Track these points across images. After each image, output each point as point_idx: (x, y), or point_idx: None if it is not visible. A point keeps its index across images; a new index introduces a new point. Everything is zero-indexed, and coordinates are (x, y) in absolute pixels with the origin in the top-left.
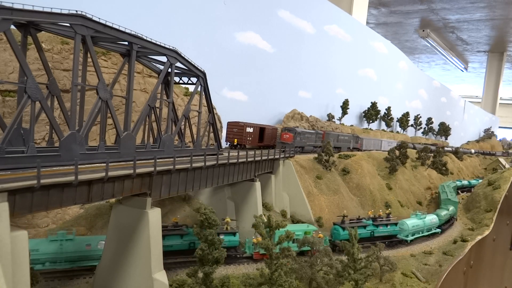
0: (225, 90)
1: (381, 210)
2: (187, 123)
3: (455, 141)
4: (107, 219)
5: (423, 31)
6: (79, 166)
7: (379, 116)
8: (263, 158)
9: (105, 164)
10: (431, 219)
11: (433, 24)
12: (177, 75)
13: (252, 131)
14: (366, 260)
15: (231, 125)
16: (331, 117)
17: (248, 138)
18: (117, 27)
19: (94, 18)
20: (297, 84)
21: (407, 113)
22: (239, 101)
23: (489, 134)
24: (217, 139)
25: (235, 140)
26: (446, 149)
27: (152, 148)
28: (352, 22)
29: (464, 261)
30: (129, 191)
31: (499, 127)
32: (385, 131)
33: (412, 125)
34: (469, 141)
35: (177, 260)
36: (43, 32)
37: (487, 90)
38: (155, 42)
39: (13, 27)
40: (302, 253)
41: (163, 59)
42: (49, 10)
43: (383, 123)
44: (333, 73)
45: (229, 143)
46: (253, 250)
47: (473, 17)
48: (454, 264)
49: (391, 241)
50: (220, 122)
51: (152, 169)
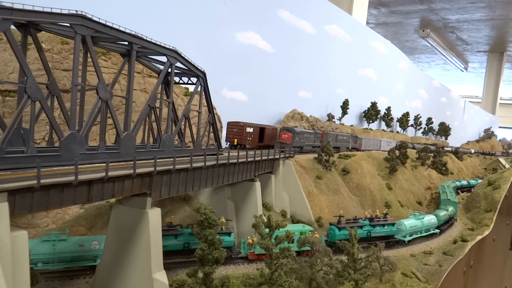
0: (225, 90)
1: (377, 210)
2: (187, 123)
3: (455, 141)
4: (107, 219)
5: (423, 31)
6: (79, 166)
7: (379, 116)
8: (263, 158)
9: (105, 164)
10: (430, 219)
11: (433, 24)
12: (177, 75)
13: (252, 131)
14: (366, 260)
15: (231, 125)
16: (331, 117)
17: (248, 138)
18: (117, 27)
19: (94, 18)
20: (297, 84)
21: (407, 113)
22: (239, 101)
23: (489, 134)
24: (217, 139)
25: (235, 140)
26: (446, 149)
27: (152, 148)
28: (352, 22)
29: (464, 261)
30: (129, 191)
31: (499, 127)
32: (385, 131)
33: (412, 125)
34: (469, 141)
35: (172, 260)
36: (43, 32)
37: (487, 90)
38: (155, 42)
39: (13, 27)
40: (298, 253)
41: (163, 59)
42: (49, 10)
43: (383, 123)
44: (333, 73)
45: (229, 143)
46: (248, 250)
47: (473, 17)
48: (454, 264)
49: (388, 242)
50: (220, 122)
51: (152, 169)
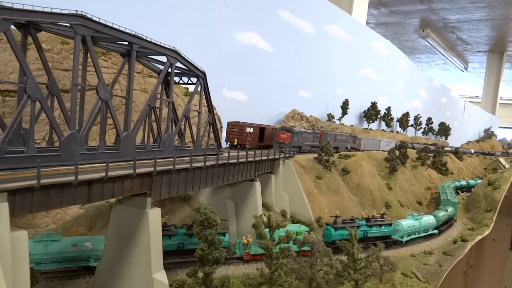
0: (225, 90)
1: (374, 210)
2: (187, 123)
3: (455, 141)
4: (107, 219)
5: (423, 31)
6: (79, 166)
7: (379, 116)
8: (263, 158)
9: (105, 164)
10: (428, 220)
11: (433, 24)
12: (177, 75)
13: (252, 131)
14: (366, 260)
15: (231, 125)
16: (331, 117)
17: (248, 138)
18: (117, 27)
19: (94, 18)
20: (297, 84)
21: (407, 113)
22: (239, 101)
23: (489, 134)
24: (217, 139)
25: (235, 140)
26: (446, 149)
27: (152, 148)
28: (352, 22)
29: (464, 261)
30: (129, 191)
31: (499, 127)
32: (385, 131)
33: (412, 125)
34: (469, 141)
35: (166, 261)
36: (43, 32)
37: (487, 90)
38: (155, 42)
39: (13, 27)
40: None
41: (163, 59)
42: (49, 10)
43: (383, 123)
44: (333, 73)
45: (229, 143)
46: (243, 250)
47: (473, 17)
48: (454, 264)
49: (386, 242)
50: (220, 122)
51: (152, 169)
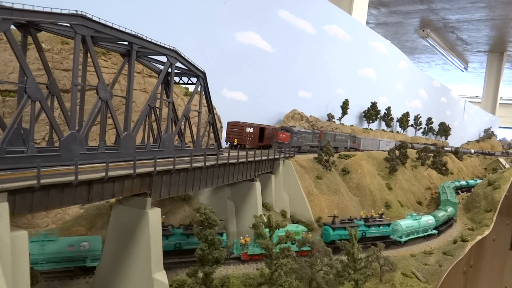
0: (225, 90)
1: (373, 210)
2: (187, 123)
3: (455, 141)
4: (107, 219)
5: (423, 31)
6: (79, 166)
7: (379, 116)
8: (263, 158)
9: (105, 164)
10: (427, 220)
11: (433, 24)
12: (177, 75)
13: (252, 131)
14: (366, 260)
15: (231, 125)
16: (331, 117)
17: (248, 138)
18: (117, 27)
19: (94, 18)
20: (297, 84)
21: (407, 113)
22: (239, 101)
23: (489, 134)
24: (217, 139)
25: (235, 140)
26: (446, 149)
27: (152, 148)
28: (352, 22)
29: (464, 261)
30: (129, 191)
31: (499, 127)
32: (385, 131)
33: (412, 125)
34: (469, 141)
35: (165, 261)
36: (43, 32)
37: (487, 90)
38: (155, 42)
39: (13, 27)
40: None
41: (163, 59)
42: (49, 10)
43: (383, 123)
44: (333, 73)
45: (229, 143)
46: (240, 250)
47: (473, 17)
48: (454, 264)
49: (384, 242)
50: (220, 122)
51: (152, 169)
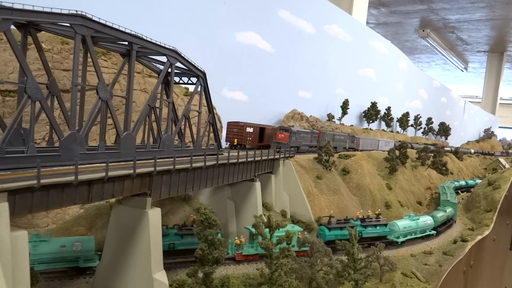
0: (225, 90)
1: (369, 210)
2: (187, 123)
3: (455, 141)
4: (107, 219)
5: (423, 31)
6: (79, 166)
7: (379, 116)
8: (263, 158)
9: (105, 164)
10: (425, 220)
11: (433, 24)
12: (177, 75)
13: (252, 131)
14: (366, 260)
15: (231, 125)
16: (331, 117)
17: (248, 138)
18: (117, 27)
19: (94, 18)
20: (297, 84)
21: (407, 113)
22: (239, 101)
23: (489, 134)
24: (217, 139)
25: (235, 140)
26: (446, 149)
27: (152, 148)
28: (352, 22)
29: (464, 261)
30: (129, 191)
31: (499, 127)
32: (385, 131)
33: (412, 125)
34: (469, 141)
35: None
36: (43, 32)
37: (487, 90)
38: (155, 42)
39: (13, 27)
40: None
41: (163, 59)
42: (49, 10)
43: (383, 123)
44: (333, 73)
45: (229, 143)
46: (235, 251)
47: (473, 17)
48: (454, 264)
49: (381, 243)
50: (220, 122)
51: (152, 169)
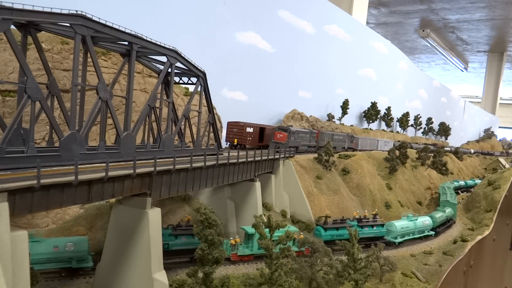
0: (225, 90)
1: (366, 211)
2: (187, 123)
3: (455, 141)
4: (107, 219)
5: (423, 31)
6: (79, 166)
7: (379, 116)
8: (263, 158)
9: (105, 164)
10: (424, 221)
11: (433, 24)
12: (177, 75)
13: (252, 131)
14: (366, 260)
15: (231, 125)
16: (331, 117)
17: (248, 138)
18: (117, 27)
19: (94, 18)
20: (297, 84)
21: (407, 113)
22: (239, 101)
23: (489, 134)
24: (217, 139)
25: (235, 140)
26: (446, 149)
27: (152, 148)
28: (352, 22)
29: (464, 261)
30: (129, 191)
31: (499, 127)
32: (385, 131)
33: (412, 125)
34: (469, 141)
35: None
36: (43, 32)
37: (487, 90)
38: (155, 42)
39: (13, 27)
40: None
41: (163, 59)
42: (49, 10)
43: (383, 123)
44: (333, 73)
45: (229, 143)
46: (230, 251)
47: (473, 17)
48: (454, 264)
49: (381, 243)
50: (220, 122)
51: (152, 169)
